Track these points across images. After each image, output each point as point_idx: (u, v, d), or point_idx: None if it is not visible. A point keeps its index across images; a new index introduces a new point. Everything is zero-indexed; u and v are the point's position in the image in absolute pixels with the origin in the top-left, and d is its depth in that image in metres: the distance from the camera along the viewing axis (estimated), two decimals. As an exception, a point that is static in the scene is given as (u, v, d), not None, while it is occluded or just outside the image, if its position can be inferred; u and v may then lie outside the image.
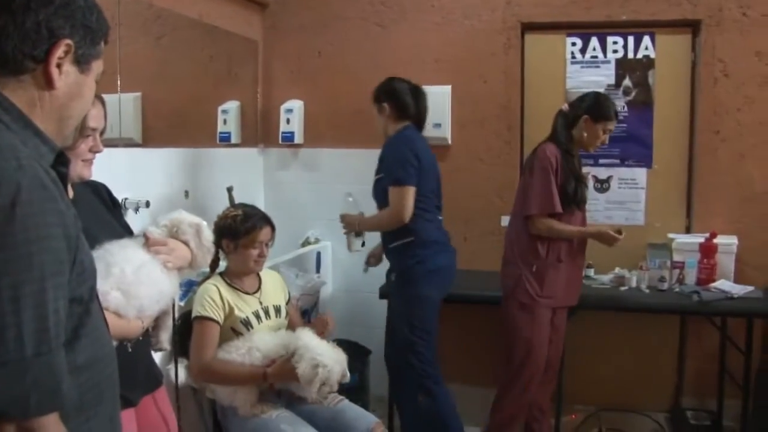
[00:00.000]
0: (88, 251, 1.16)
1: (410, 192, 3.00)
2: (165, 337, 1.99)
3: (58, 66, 1.12)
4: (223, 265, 2.74)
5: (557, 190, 2.94)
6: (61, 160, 1.18)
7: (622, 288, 3.45)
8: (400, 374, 3.20)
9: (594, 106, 3.00)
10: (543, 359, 3.05)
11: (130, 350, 1.84)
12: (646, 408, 3.73)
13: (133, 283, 1.73)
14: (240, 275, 2.70)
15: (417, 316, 3.11)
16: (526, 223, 3.01)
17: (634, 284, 3.46)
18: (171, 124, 3.79)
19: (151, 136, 3.55)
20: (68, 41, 1.12)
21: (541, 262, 2.99)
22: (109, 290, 1.69)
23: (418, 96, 3.21)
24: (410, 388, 3.18)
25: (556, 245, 2.98)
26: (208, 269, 2.67)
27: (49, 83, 1.12)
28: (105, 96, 2.97)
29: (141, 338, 1.86)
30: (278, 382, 2.55)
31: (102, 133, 1.84)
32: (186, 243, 1.95)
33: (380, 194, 3.14)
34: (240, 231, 2.64)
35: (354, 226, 3.28)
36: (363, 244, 3.34)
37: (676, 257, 3.49)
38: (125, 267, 1.73)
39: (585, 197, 3.05)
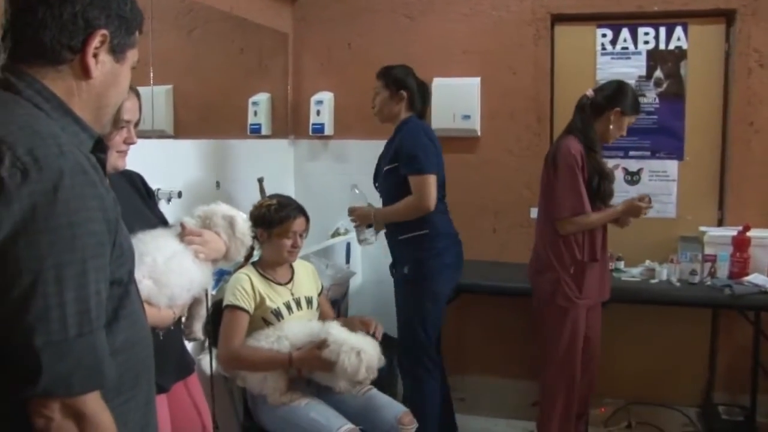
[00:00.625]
0: (126, 235, 1.19)
1: (433, 180, 3.00)
2: (198, 326, 2.02)
3: (95, 56, 1.15)
4: (257, 254, 2.77)
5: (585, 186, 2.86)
6: (100, 147, 1.21)
7: (653, 281, 3.43)
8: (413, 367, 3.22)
9: (625, 98, 2.91)
10: (579, 358, 3.01)
11: (161, 338, 1.86)
12: (677, 402, 3.70)
13: (165, 272, 1.77)
14: (273, 265, 2.72)
15: (428, 310, 3.11)
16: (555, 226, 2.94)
17: (664, 277, 3.43)
18: (202, 116, 3.84)
19: (182, 128, 3.61)
20: (104, 31, 1.15)
21: (578, 263, 2.91)
22: (140, 278, 1.71)
23: (426, 93, 3.27)
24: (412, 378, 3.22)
25: (591, 244, 2.91)
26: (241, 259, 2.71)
27: (86, 73, 1.15)
28: (140, 88, 3.05)
29: (172, 327, 1.90)
30: (304, 368, 2.56)
31: (136, 125, 1.88)
32: (218, 235, 1.99)
33: (391, 185, 3.10)
34: (274, 220, 2.67)
35: (368, 219, 3.22)
36: (376, 237, 3.31)
37: (708, 250, 3.45)
38: (157, 256, 1.76)
39: (611, 192, 2.94)
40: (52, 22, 1.11)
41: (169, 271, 1.78)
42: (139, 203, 1.99)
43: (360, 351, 2.46)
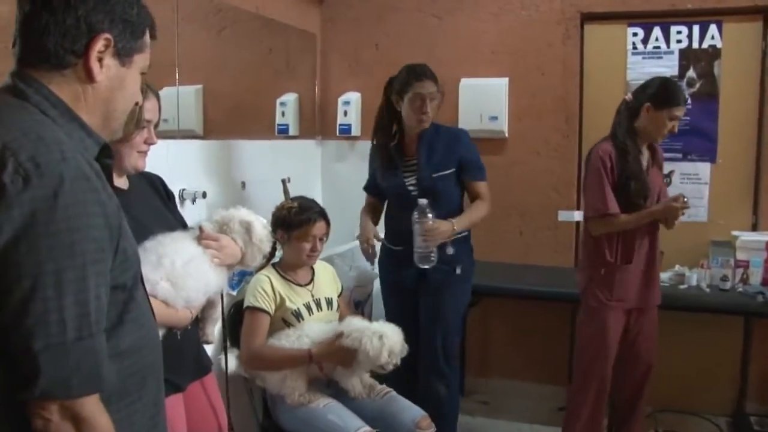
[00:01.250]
0: (131, 240, 1.20)
1: None
2: (211, 329, 2.04)
3: (99, 60, 1.16)
4: (278, 256, 2.79)
5: (612, 188, 2.82)
6: (106, 153, 1.22)
7: (681, 286, 3.35)
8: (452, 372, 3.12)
9: (656, 92, 2.81)
10: (608, 364, 2.94)
11: (179, 338, 1.89)
12: (707, 411, 3.62)
13: (182, 275, 1.79)
14: (293, 267, 2.73)
15: (466, 312, 3.13)
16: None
17: (694, 282, 3.35)
18: (231, 116, 3.87)
19: (212, 128, 3.64)
20: (107, 35, 1.15)
21: (608, 264, 2.86)
22: (158, 280, 1.75)
23: None
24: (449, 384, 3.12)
25: (624, 246, 2.86)
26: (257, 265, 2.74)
27: (89, 77, 1.16)
28: (166, 88, 3.10)
29: (189, 327, 1.91)
30: (324, 362, 2.56)
31: (156, 125, 1.91)
32: (234, 240, 2.00)
33: (449, 188, 2.97)
34: (294, 223, 2.67)
35: (448, 234, 2.87)
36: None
37: (740, 256, 3.36)
38: (175, 259, 1.79)
39: (641, 193, 2.84)
40: (55, 27, 1.12)
41: (186, 275, 1.80)
42: (160, 205, 2.00)
43: (382, 335, 2.48)
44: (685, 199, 2.79)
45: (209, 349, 2.18)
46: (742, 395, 3.63)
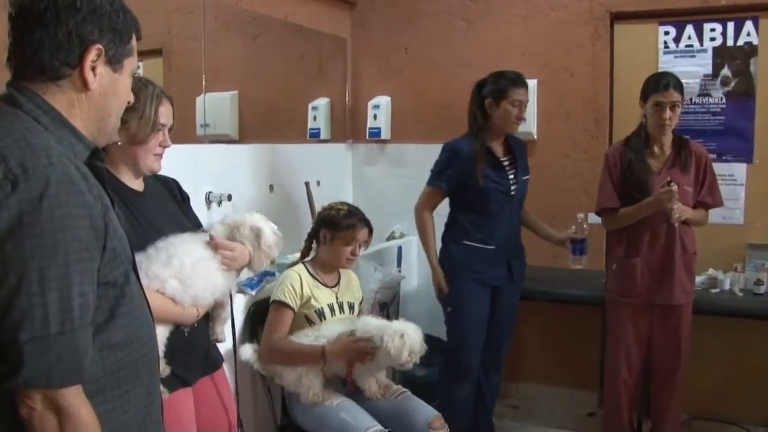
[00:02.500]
0: (121, 239, 1.25)
1: None
2: (221, 329, 2.10)
3: (93, 69, 1.22)
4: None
5: (615, 183, 2.93)
6: (97, 156, 1.29)
7: (713, 290, 3.25)
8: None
9: (643, 87, 2.90)
10: (625, 362, 2.94)
11: (186, 334, 1.94)
12: (743, 420, 3.50)
13: (190, 275, 1.86)
14: (324, 267, 2.78)
15: None
16: None
17: (727, 287, 3.25)
18: (265, 121, 3.97)
19: (246, 133, 3.74)
20: (99, 45, 1.21)
21: (619, 259, 2.94)
22: (167, 278, 1.83)
23: None
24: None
25: (631, 240, 2.89)
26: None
27: (85, 85, 1.22)
28: (204, 95, 3.20)
29: (196, 324, 1.97)
30: (338, 359, 2.58)
31: (171, 129, 1.98)
32: (243, 244, 2.07)
33: (525, 193, 3.21)
34: (341, 224, 2.72)
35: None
36: None
37: (778, 259, 3.25)
38: (185, 259, 1.86)
39: (638, 185, 2.84)
40: (48, 42, 1.18)
41: (194, 275, 1.88)
42: (174, 207, 2.07)
43: (404, 333, 2.51)
44: (670, 184, 2.71)
45: (224, 346, 2.24)
46: (780, 404, 3.50)
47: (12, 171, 1.08)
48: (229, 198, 3.10)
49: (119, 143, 1.84)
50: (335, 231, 2.72)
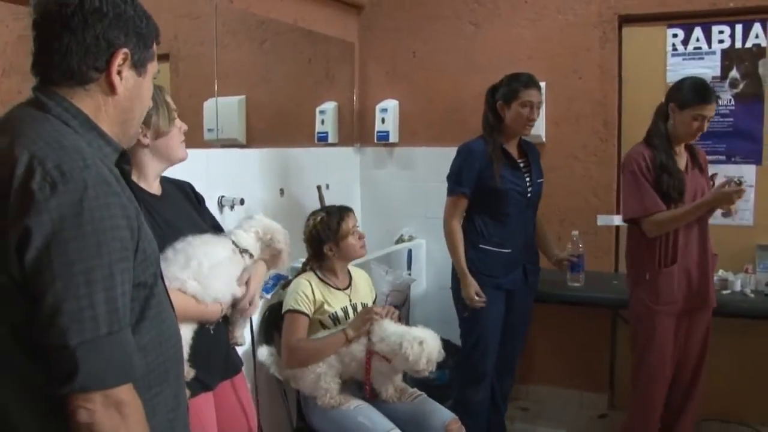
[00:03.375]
0: (151, 241, 1.26)
1: None
2: (240, 332, 2.10)
3: (119, 73, 1.24)
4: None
5: (651, 187, 2.81)
6: (125, 159, 1.30)
7: (724, 291, 3.25)
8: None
9: (678, 92, 2.81)
10: (663, 371, 2.90)
11: (212, 332, 1.96)
12: (754, 420, 3.50)
13: (208, 276, 1.88)
14: (334, 270, 2.79)
15: None
16: (633, 231, 2.93)
17: (738, 288, 3.26)
18: (272, 125, 3.97)
19: (254, 137, 3.74)
20: (125, 50, 1.23)
21: (652, 268, 2.84)
22: (186, 279, 1.84)
23: None
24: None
25: (666, 248, 2.82)
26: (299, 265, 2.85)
27: (112, 89, 1.24)
28: (211, 100, 3.20)
29: (220, 320, 1.98)
30: (358, 332, 2.61)
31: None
32: (280, 251, 2.13)
33: (539, 197, 3.22)
34: (332, 229, 2.74)
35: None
36: None
37: (788, 260, 3.26)
38: (203, 261, 1.87)
39: (676, 188, 2.80)
40: (76, 47, 1.19)
41: (213, 277, 1.89)
42: (190, 210, 2.08)
43: (422, 341, 2.52)
44: (738, 181, 2.69)
45: (242, 349, 2.24)
46: (791, 405, 3.51)
47: (50, 173, 1.09)
48: (242, 202, 3.10)
49: (147, 144, 1.85)
50: (335, 237, 2.73)
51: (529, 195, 3.10)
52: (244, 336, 2.14)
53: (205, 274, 1.87)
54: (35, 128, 1.16)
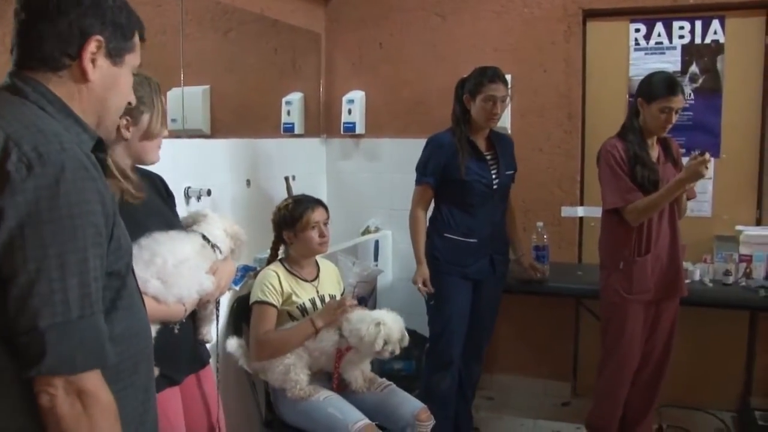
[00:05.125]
0: (124, 230, 1.25)
1: None
2: (207, 329, 2.06)
3: (92, 60, 1.22)
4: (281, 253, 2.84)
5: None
6: (100, 147, 1.29)
7: (685, 281, 3.33)
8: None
9: (644, 86, 2.87)
10: (632, 359, 2.96)
11: (176, 332, 1.91)
12: (711, 406, 3.62)
13: (173, 274, 1.82)
14: (301, 262, 2.77)
15: None
16: (608, 221, 2.96)
17: (697, 277, 3.35)
18: (238, 116, 3.92)
19: (219, 128, 3.69)
20: (98, 37, 1.22)
21: (626, 258, 2.89)
22: (149, 278, 1.77)
23: None
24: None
25: (639, 238, 2.87)
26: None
27: (84, 76, 1.23)
28: (176, 90, 3.15)
29: (184, 321, 1.94)
30: (325, 321, 2.60)
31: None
32: (242, 244, 2.11)
33: (508, 188, 3.23)
34: (294, 217, 2.72)
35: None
36: None
37: (744, 250, 3.36)
38: (168, 258, 1.81)
39: (651, 179, 2.86)
40: (51, 33, 1.19)
41: (177, 274, 1.83)
42: (160, 204, 2.03)
43: (380, 322, 2.53)
44: (701, 152, 2.71)
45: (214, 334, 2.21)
46: (746, 390, 3.63)
47: (26, 155, 1.08)
48: (209, 193, 3.07)
49: (126, 138, 1.82)
50: (293, 226, 2.72)
51: (495, 187, 3.12)
52: (211, 333, 2.10)
53: (169, 272, 1.81)
54: (12, 111, 1.15)
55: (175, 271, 1.82)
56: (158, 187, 2.07)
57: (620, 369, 2.97)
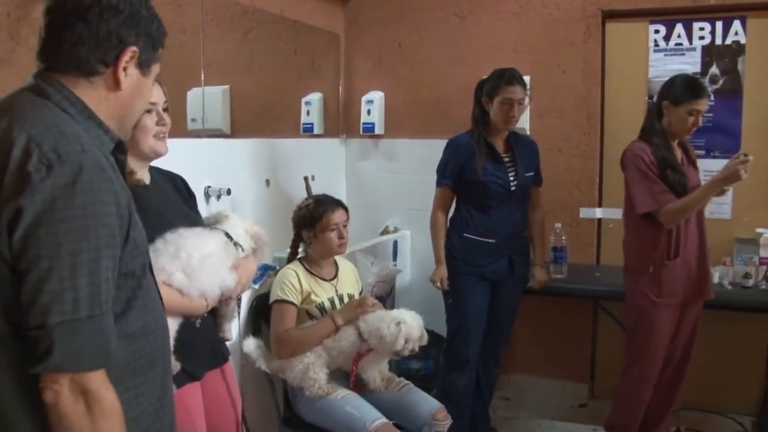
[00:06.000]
0: (141, 231, 1.28)
1: None
2: (228, 326, 2.10)
3: (124, 69, 1.26)
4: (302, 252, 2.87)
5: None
6: (120, 149, 1.32)
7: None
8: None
9: (672, 88, 2.83)
10: (658, 363, 2.94)
11: (198, 326, 1.95)
12: (730, 410, 3.59)
13: (197, 269, 1.85)
14: (319, 261, 2.80)
15: None
16: (635, 225, 2.91)
17: (716, 280, 3.32)
18: (257, 116, 3.96)
19: (239, 128, 3.73)
20: (134, 48, 1.26)
21: (656, 262, 2.85)
22: (174, 271, 1.82)
23: None
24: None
25: (669, 241, 2.84)
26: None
27: (117, 85, 1.26)
28: (197, 90, 3.18)
29: (206, 315, 1.97)
30: (346, 319, 2.63)
31: (166, 109, 1.94)
32: (262, 246, 2.14)
33: (528, 190, 3.25)
34: (315, 218, 2.74)
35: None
36: None
37: (764, 253, 3.33)
38: (193, 253, 1.85)
39: (681, 182, 2.83)
40: (89, 38, 1.21)
41: (201, 269, 1.87)
42: (180, 202, 2.07)
43: (400, 321, 2.54)
44: (744, 153, 2.68)
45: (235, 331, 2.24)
46: (766, 394, 3.59)
47: (46, 156, 1.10)
48: (228, 192, 3.11)
49: None
50: (313, 226, 2.74)
51: (513, 188, 3.13)
52: (231, 330, 2.14)
53: (194, 266, 1.85)
54: (34, 112, 1.18)
55: (199, 265, 1.86)
56: (179, 186, 2.10)
57: (647, 372, 2.94)
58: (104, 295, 1.14)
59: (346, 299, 2.80)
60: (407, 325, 2.55)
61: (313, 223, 2.75)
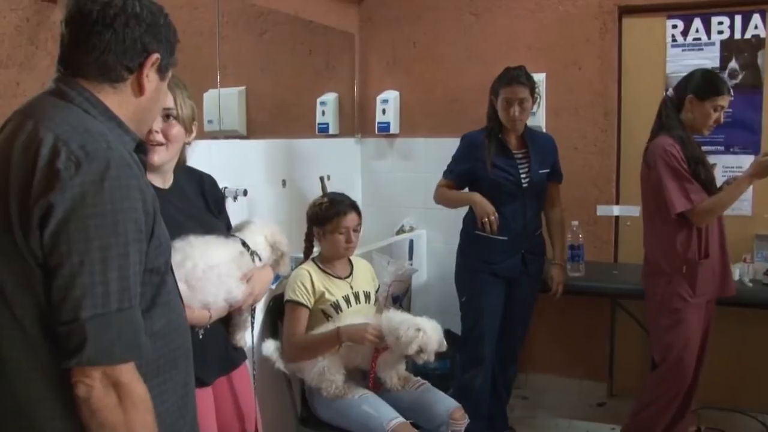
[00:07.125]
0: (164, 228, 1.30)
1: None
2: (240, 335, 2.04)
3: (147, 75, 1.29)
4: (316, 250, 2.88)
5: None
6: (141, 149, 1.35)
7: (732, 280, 3.28)
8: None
9: (698, 83, 2.77)
10: (692, 363, 2.87)
11: (200, 337, 1.86)
12: (751, 408, 3.54)
13: (201, 279, 1.80)
14: (332, 260, 2.80)
15: None
16: (662, 224, 2.82)
17: (737, 277, 3.27)
18: (273, 116, 3.98)
19: (255, 128, 3.75)
20: (157, 55, 1.29)
21: (689, 261, 2.77)
22: (176, 280, 1.78)
23: None
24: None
25: (699, 241, 2.78)
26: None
27: (141, 90, 1.30)
28: (213, 91, 3.19)
29: (209, 326, 1.89)
30: (351, 340, 2.59)
31: (177, 118, 1.84)
32: (283, 255, 2.12)
33: (545, 185, 3.23)
34: (326, 217, 2.75)
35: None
36: None
37: (786, 250, 3.29)
38: (199, 263, 1.79)
39: (711, 178, 2.80)
40: (116, 46, 1.25)
41: (205, 279, 1.81)
42: (202, 206, 2.01)
43: (420, 328, 2.53)
44: None
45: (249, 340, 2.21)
46: (789, 392, 3.55)
47: (74, 153, 1.13)
48: (245, 193, 3.12)
49: None
50: (323, 225, 2.75)
51: (525, 185, 3.11)
52: (245, 339, 2.08)
53: (197, 277, 1.79)
54: (59, 114, 1.20)
55: (203, 276, 1.80)
56: (204, 188, 2.04)
57: (681, 374, 2.86)
58: (133, 289, 1.17)
59: (362, 297, 2.80)
60: (426, 335, 2.53)
61: (323, 222, 2.75)
